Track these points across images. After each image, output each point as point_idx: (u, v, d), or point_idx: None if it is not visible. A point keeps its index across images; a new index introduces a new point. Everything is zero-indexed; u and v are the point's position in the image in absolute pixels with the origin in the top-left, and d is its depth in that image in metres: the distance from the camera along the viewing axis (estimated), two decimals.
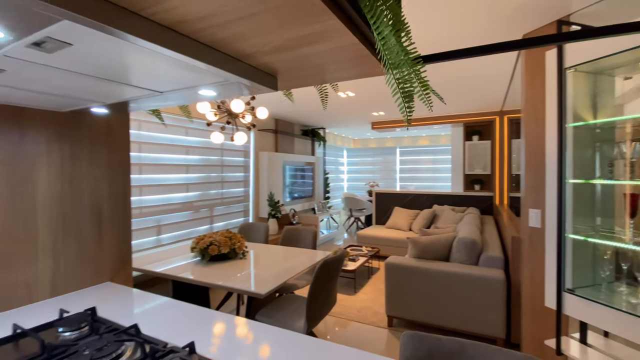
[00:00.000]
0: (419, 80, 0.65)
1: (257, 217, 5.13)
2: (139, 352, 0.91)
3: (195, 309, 1.25)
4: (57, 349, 0.90)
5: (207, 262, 2.47)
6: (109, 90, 0.91)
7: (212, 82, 0.84)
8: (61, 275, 1.38)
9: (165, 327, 1.10)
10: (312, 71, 0.82)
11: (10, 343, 0.96)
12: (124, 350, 0.91)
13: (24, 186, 1.26)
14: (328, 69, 0.79)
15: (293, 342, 0.99)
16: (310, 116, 5.48)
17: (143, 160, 3.49)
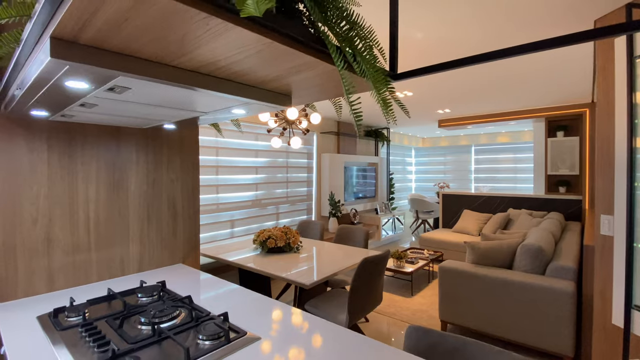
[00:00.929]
0: (384, 94, 0.74)
1: (319, 216, 5.38)
2: (188, 316, 1.16)
3: (239, 289, 1.49)
4: (134, 308, 1.20)
5: (265, 254, 2.76)
6: (167, 113, 1.18)
7: (239, 104, 1.04)
8: (146, 256, 1.76)
9: (211, 301, 1.35)
10: (315, 90, 0.96)
11: (104, 302, 1.31)
12: (178, 314, 1.18)
13: (120, 186, 1.66)
14: (326, 87, 0.92)
15: (314, 327, 1.14)
16: (372, 117, 5.52)
17: (220, 163, 4.00)
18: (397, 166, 8.61)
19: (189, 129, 1.93)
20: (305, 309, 2.37)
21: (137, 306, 1.23)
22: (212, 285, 1.56)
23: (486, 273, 2.64)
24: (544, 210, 4.68)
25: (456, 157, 8.61)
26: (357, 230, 3.24)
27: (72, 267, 1.50)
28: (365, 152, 6.57)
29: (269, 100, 0.98)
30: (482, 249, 2.83)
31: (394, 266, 3.82)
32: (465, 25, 2.12)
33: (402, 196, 8.86)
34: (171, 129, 1.82)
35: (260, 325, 1.14)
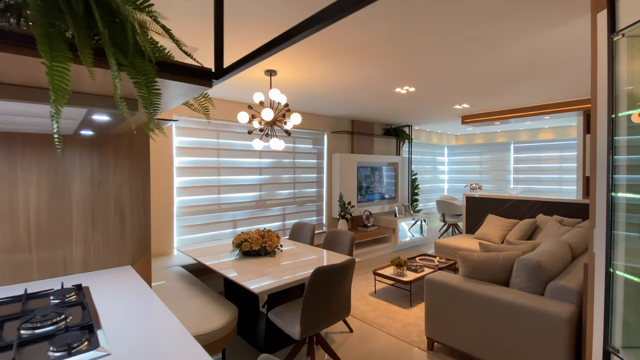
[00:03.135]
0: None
1: (329, 217, 5.26)
2: (63, 324, 1.16)
3: (158, 308, 1.47)
4: (27, 313, 1.24)
5: (241, 257, 2.75)
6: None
7: (93, 112, 1.00)
8: (91, 257, 1.82)
9: (113, 313, 1.35)
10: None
11: (10, 303, 1.37)
12: (57, 321, 1.18)
13: (62, 189, 1.73)
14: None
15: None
16: (391, 115, 5.26)
17: (221, 164, 4.08)
18: (427, 166, 8.14)
19: (139, 134, 1.97)
20: (269, 315, 2.31)
21: (28, 310, 1.26)
22: (134, 296, 1.55)
23: (473, 289, 2.34)
24: (579, 218, 4.07)
25: (493, 155, 7.89)
26: (344, 235, 3.09)
27: (12, 265, 1.60)
28: (385, 152, 6.29)
29: (112, 107, 0.93)
30: (475, 262, 2.52)
31: (393, 274, 3.59)
32: None
33: (433, 198, 8.36)
34: (116, 133, 1.87)
35: (133, 340, 1.10)
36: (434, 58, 2.62)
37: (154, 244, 3.56)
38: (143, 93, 0.65)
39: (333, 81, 3.25)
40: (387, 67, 2.83)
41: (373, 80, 3.23)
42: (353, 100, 4.11)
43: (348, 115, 5.18)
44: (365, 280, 4.24)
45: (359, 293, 3.79)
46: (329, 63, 2.71)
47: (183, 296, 2.37)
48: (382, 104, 4.39)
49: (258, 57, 0.74)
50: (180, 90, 0.86)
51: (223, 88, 3.48)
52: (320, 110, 4.74)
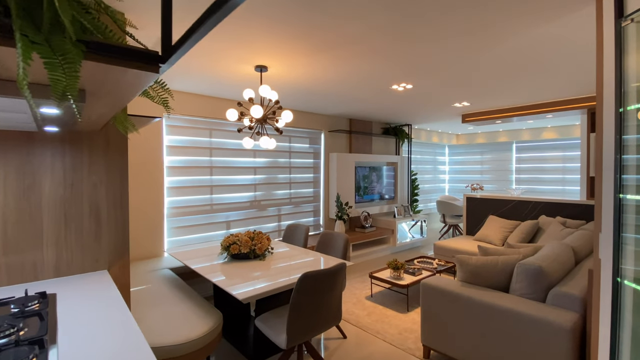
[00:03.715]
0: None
1: (327, 218, 5.15)
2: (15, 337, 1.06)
3: (122, 321, 1.36)
4: None
5: (230, 260, 2.64)
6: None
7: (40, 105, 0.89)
8: (63, 261, 1.72)
9: (75, 325, 1.24)
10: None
11: None
12: (12, 331, 1.08)
13: (31, 191, 1.63)
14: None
15: None
16: (389, 113, 5.14)
17: (214, 163, 3.98)
18: (427, 166, 8.01)
19: (117, 132, 1.86)
20: (255, 322, 2.20)
21: None
22: (102, 305, 1.45)
23: (470, 295, 2.23)
24: (583, 220, 3.94)
25: (495, 155, 7.75)
26: (338, 237, 2.98)
27: None
28: (384, 151, 6.17)
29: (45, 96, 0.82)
30: (473, 266, 2.40)
31: (389, 277, 3.47)
32: None
33: (434, 198, 8.23)
34: (91, 130, 1.76)
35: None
36: (431, 52, 2.50)
37: (143, 246, 3.46)
38: (56, 76, 0.55)
39: (326, 78, 3.14)
40: (382, 62, 2.72)
41: (368, 77, 3.12)
42: (349, 98, 4.00)
43: (345, 113, 5.07)
44: (361, 283, 4.12)
45: (355, 296, 3.68)
46: (320, 58, 2.60)
47: (167, 301, 2.26)
48: (380, 102, 4.28)
49: (205, 24, 0.63)
50: (123, 77, 0.75)
51: (212, 85, 3.38)
52: (317, 108, 4.63)
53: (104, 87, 0.84)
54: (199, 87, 3.50)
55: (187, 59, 2.60)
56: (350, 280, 4.24)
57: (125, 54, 0.68)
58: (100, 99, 0.93)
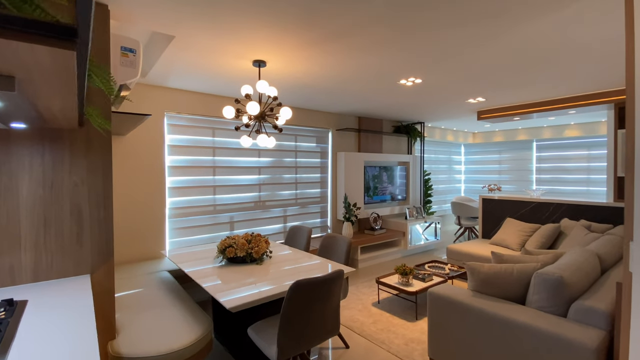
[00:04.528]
0: None
1: (335, 220, 4.99)
2: None
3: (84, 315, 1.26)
4: None
5: (226, 264, 2.53)
6: None
7: None
8: (42, 265, 1.64)
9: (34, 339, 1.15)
10: None
11: None
12: None
13: (8, 192, 1.56)
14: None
15: None
16: (399, 111, 4.94)
17: (217, 163, 3.89)
18: (441, 165, 7.73)
19: (96, 129, 1.78)
20: (248, 331, 2.07)
21: None
22: (70, 314, 1.35)
23: (482, 306, 2.03)
24: (609, 223, 3.63)
25: (514, 154, 7.39)
26: (341, 240, 2.82)
27: None
28: (395, 150, 5.96)
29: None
30: (485, 274, 2.20)
31: (397, 283, 3.29)
32: None
33: (448, 199, 7.93)
34: (70, 128, 1.68)
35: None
36: (439, 43, 2.31)
37: (145, 247, 3.41)
38: None
39: (328, 72, 2.99)
40: (388, 55, 2.54)
41: (373, 71, 2.95)
42: (354, 94, 3.83)
43: (354, 111, 4.90)
44: (369, 288, 3.95)
45: (361, 302, 3.51)
46: (321, 50, 2.45)
47: (156, 306, 2.17)
48: (388, 99, 4.09)
49: None
50: (41, 57, 0.63)
51: (211, 82, 3.28)
52: (323, 106, 4.48)
53: (32, 72, 0.73)
54: (198, 85, 3.42)
55: (183, 54, 2.51)
56: (357, 284, 4.07)
57: (28, 26, 0.56)
58: (37, 87, 0.82)
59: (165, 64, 2.74)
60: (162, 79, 3.21)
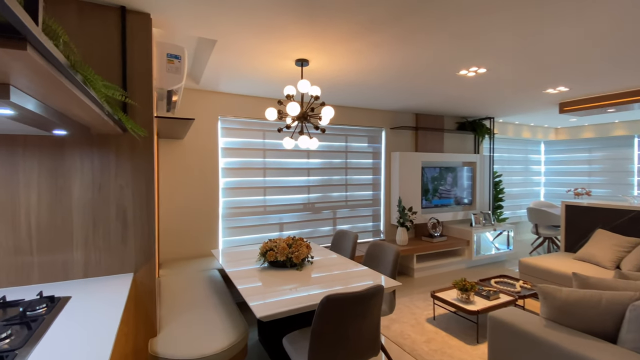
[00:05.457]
0: None
1: (388, 224, 4.72)
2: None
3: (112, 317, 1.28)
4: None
5: (267, 268, 2.49)
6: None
7: None
8: (91, 263, 1.75)
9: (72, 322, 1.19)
10: None
11: None
12: (3, 335, 1.06)
13: (63, 193, 1.69)
14: None
15: None
16: (463, 105, 4.49)
17: (267, 164, 3.94)
18: (516, 166, 6.87)
19: None
20: (283, 340, 1.99)
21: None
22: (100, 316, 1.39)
23: (557, 341, 1.66)
24: None
25: (608, 152, 6.23)
26: (388, 249, 2.60)
27: (14, 268, 1.60)
28: (459, 149, 5.44)
29: None
30: (564, 300, 1.81)
31: (456, 299, 2.94)
32: None
33: (524, 204, 7.04)
34: (116, 134, 1.77)
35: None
36: (510, 23, 1.97)
37: (199, 244, 3.57)
38: None
39: (376, 67, 2.78)
40: (443, 42, 2.26)
41: (426, 62, 2.66)
42: (408, 89, 3.54)
43: (409, 108, 4.57)
44: (424, 301, 3.62)
45: (414, 317, 3.22)
46: (365, 43, 2.27)
47: (198, 306, 2.21)
48: (447, 92, 3.70)
49: None
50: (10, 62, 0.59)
51: (257, 85, 3.30)
52: (375, 104, 4.25)
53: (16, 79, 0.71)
54: (247, 89, 3.47)
55: (228, 58, 2.54)
56: (411, 295, 3.77)
57: None
58: (36, 93, 0.81)
59: (213, 69, 2.82)
60: (214, 84, 3.32)
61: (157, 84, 2.15)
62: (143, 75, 1.84)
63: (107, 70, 1.75)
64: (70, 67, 0.73)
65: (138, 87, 1.82)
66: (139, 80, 1.83)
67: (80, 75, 0.80)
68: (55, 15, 1.64)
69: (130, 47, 1.80)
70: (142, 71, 1.83)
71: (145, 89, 1.85)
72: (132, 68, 1.81)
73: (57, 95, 0.83)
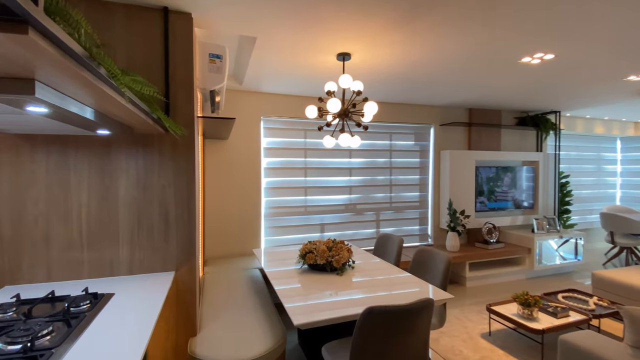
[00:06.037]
0: None
1: (436, 228, 4.42)
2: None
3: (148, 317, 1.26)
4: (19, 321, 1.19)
5: (306, 270, 2.41)
6: None
7: None
8: (136, 260, 1.79)
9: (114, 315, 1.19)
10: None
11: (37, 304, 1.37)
12: (45, 331, 1.08)
13: (110, 191, 1.74)
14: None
15: None
16: (525, 98, 4.06)
17: (308, 164, 3.88)
18: (586, 165, 6.10)
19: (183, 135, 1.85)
20: (322, 349, 1.89)
21: (37, 317, 1.21)
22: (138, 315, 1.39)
23: None
24: None
25: None
26: (438, 258, 2.38)
27: (66, 263, 1.68)
28: (518, 147, 4.95)
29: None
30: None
31: (516, 315, 2.63)
32: None
33: (597, 209, 6.23)
34: (157, 134, 1.79)
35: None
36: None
37: (242, 243, 3.61)
38: None
39: (423, 57, 2.56)
40: (502, 23, 2.00)
41: (483, 48, 2.40)
42: (461, 81, 3.25)
43: (461, 102, 4.22)
44: (477, 313, 3.31)
45: (466, 331, 2.94)
46: (411, 31, 2.09)
47: (238, 307, 2.19)
48: (506, 83, 3.34)
49: None
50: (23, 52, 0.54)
51: (298, 83, 3.23)
52: (422, 99, 3.99)
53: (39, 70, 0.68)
54: (288, 88, 3.43)
55: (269, 56, 2.50)
56: (462, 307, 3.46)
57: None
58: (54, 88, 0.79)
59: (255, 69, 2.80)
60: (257, 85, 3.33)
61: (200, 84, 2.16)
62: (184, 75, 1.84)
63: (150, 72, 1.77)
64: (89, 58, 0.68)
65: (180, 86, 1.83)
66: (180, 79, 1.84)
67: (103, 68, 0.76)
68: (104, 21, 1.69)
69: (173, 47, 1.81)
70: (184, 71, 1.84)
71: (187, 88, 1.85)
72: (174, 68, 1.82)
73: (82, 90, 0.80)
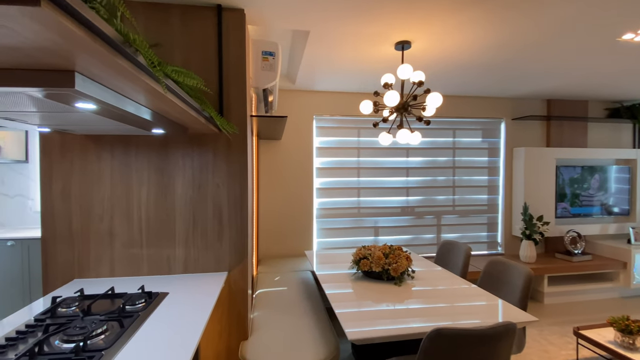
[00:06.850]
0: None
1: (508, 235, 3.94)
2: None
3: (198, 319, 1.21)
4: (76, 318, 1.21)
5: (360, 277, 2.25)
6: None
7: None
8: (191, 259, 1.80)
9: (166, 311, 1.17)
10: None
11: (99, 299, 1.41)
12: (99, 330, 1.08)
13: (167, 190, 1.77)
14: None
15: None
16: (619, 85, 3.43)
17: (361, 164, 3.71)
18: None
19: (236, 134, 1.82)
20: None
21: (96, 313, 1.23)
22: (188, 317, 1.36)
23: None
24: None
25: None
26: (515, 271, 2.05)
27: (128, 259, 1.74)
28: (609, 144, 4.23)
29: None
30: None
31: (612, 342, 2.19)
32: None
33: None
34: (211, 133, 1.77)
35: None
36: None
37: (295, 243, 3.56)
38: None
39: (494, 40, 2.24)
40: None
41: (570, 25, 2.02)
42: (538, 68, 2.82)
43: (539, 93, 3.71)
44: (561, 336, 2.84)
45: (548, 356, 2.53)
46: (482, 10, 1.82)
47: (289, 312, 2.11)
48: (597, 67, 2.82)
49: None
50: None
51: (353, 78, 3.07)
52: (490, 90, 3.58)
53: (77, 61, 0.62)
54: (341, 85, 3.30)
55: (321, 51, 2.39)
56: (541, 327, 3.01)
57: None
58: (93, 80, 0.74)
59: (308, 66, 2.72)
60: (309, 83, 3.25)
61: (253, 82, 2.13)
62: (238, 73, 1.81)
63: (205, 72, 1.77)
64: (124, 43, 0.61)
65: (233, 85, 1.80)
66: (233, 78, 1.80)
67: (141, 56, 0.69)
68: (161, 21, 1.72)
69: (226, 45, 1.79)
70: (237, 69, 1.81)
71: (240, 87, 1.81)
72: (228, 66, 1.79)
73: (121, 80, 0.75)
